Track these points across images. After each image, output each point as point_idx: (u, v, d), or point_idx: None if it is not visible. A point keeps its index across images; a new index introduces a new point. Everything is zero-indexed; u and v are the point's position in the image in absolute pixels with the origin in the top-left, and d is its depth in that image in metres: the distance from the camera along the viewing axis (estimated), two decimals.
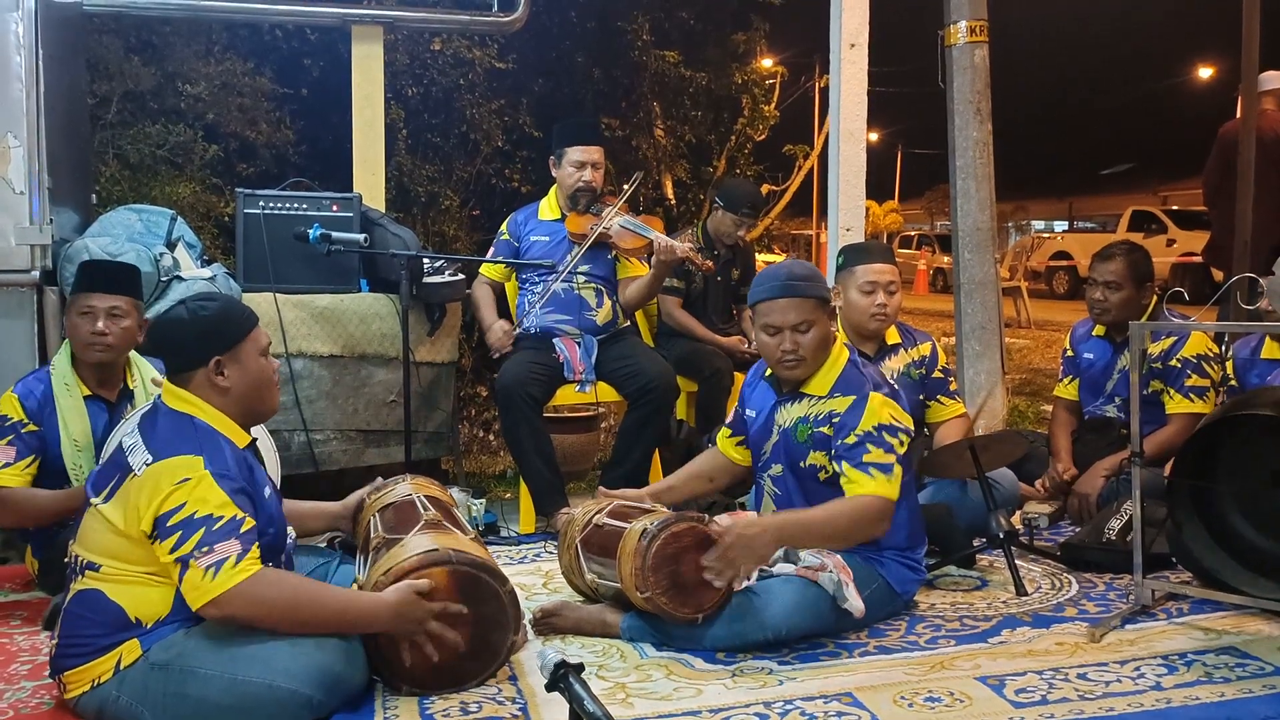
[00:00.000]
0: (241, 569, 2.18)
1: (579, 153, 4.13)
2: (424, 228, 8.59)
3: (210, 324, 2.40)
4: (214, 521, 2.20)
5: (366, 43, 4.82)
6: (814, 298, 2.84)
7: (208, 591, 2.17)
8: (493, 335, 4.06)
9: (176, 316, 2.42)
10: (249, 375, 2.43)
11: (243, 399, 2.42)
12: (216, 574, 2.17)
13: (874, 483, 2.69)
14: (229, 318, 2.44)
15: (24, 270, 3.62)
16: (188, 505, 2.20)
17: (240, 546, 2.20)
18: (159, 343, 2.46)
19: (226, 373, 2.39)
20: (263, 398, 2.48)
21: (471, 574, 2.43)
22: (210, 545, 2.18)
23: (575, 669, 1.78)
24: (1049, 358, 9.37)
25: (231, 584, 2.17)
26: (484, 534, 3.77)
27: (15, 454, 3.04)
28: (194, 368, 2.39)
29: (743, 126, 11.45)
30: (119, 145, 7.55)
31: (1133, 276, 3.75)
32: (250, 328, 2.46)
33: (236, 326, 2.44)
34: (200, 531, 2.18)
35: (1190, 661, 2.57)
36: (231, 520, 2.22)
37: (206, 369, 2.38)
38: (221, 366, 2.39)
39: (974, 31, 5.06)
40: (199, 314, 2.40)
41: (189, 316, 2.40)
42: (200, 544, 2.18)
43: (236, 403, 2.42)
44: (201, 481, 2.23)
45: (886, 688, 2.44)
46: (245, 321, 2.46)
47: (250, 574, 2.19)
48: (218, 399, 2.40)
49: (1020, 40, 16.10)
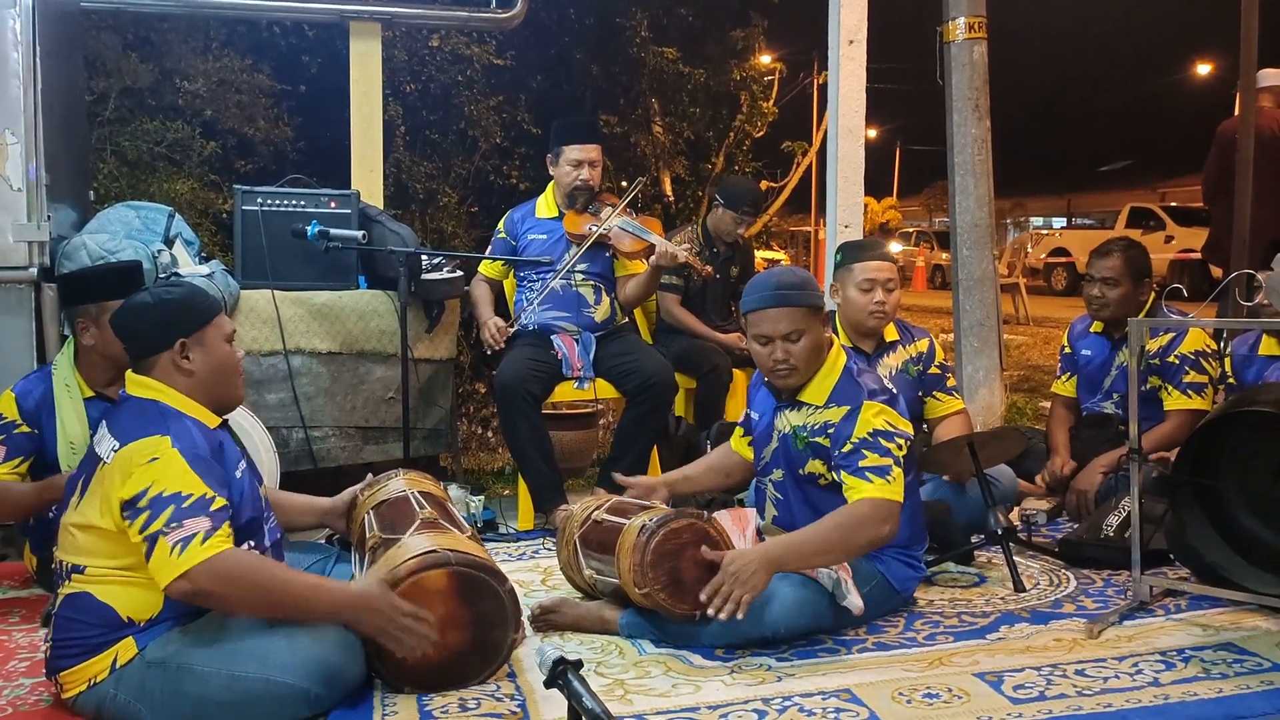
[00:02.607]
0: (210, 545, 2.15)
1: (576, 151, 4.12)
2: (422, 224, 8.60)
3: (175, 307, 2.41)
4: (183, 499, 2.18)
5: (364, 39, 4.81)
6: (805, 306, 2.82)
7: (175, 567, 2.14)
8: (485, 331, 4.07)
9: (141, 301, 2.42)
10: (213, 359, 2.43)
11: (207, 383, 2.42)
12: (184, 550, 2.14)
13: (872, 487, 2.67)
14: (193, 302, 2.45)
15: (22, 267, 3.61)
16: (156, 484, 2.19)
17: (210, 524, 2.18)
18: (124, 328, 2.44)
19: (191, 356, 2.39)
20: (228, 384, 2.48)
21: (471, 574, 2.42)
22: (180, 521, 2.16)
23: (574, 666, 1.78)
24: (1047, 354, 9.38)
25: (198, 560, 2.14)
26: (482, 531, 3.77)
27: (4, 453, 3.02)
28: (158, 351, 2.38)
29: (741, 123, 11.45)
30: (117, 142, 7.55)
31: (1130, 273, 3.75)
32: (215, 313, 2.47)
33: (202, 311, 2.45)
34: (170, 509, 2.17)
35: (1188, 658, 2.57)
36: (201, 498, 2.20)
37: (171, 351, 2.38)
38: (186, 350, 2.39)
39: (973, 28, 5.06)
40: (164, 298, 2.41)
41: (154, 301, 2.41)
42: (170, 520, 2.16)
43: (201, 387, 2.41)
44: (169, 460, 2.22)
45: (885, 684, 2.44)
46: (211, 307, 2.48)
47: (218, 550, 2.16)
48: (182, 382, 2.39)
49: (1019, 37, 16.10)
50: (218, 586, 2.17)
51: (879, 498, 2.66)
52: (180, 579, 2.15)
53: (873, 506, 2.66)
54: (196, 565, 2.14)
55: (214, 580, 2.16)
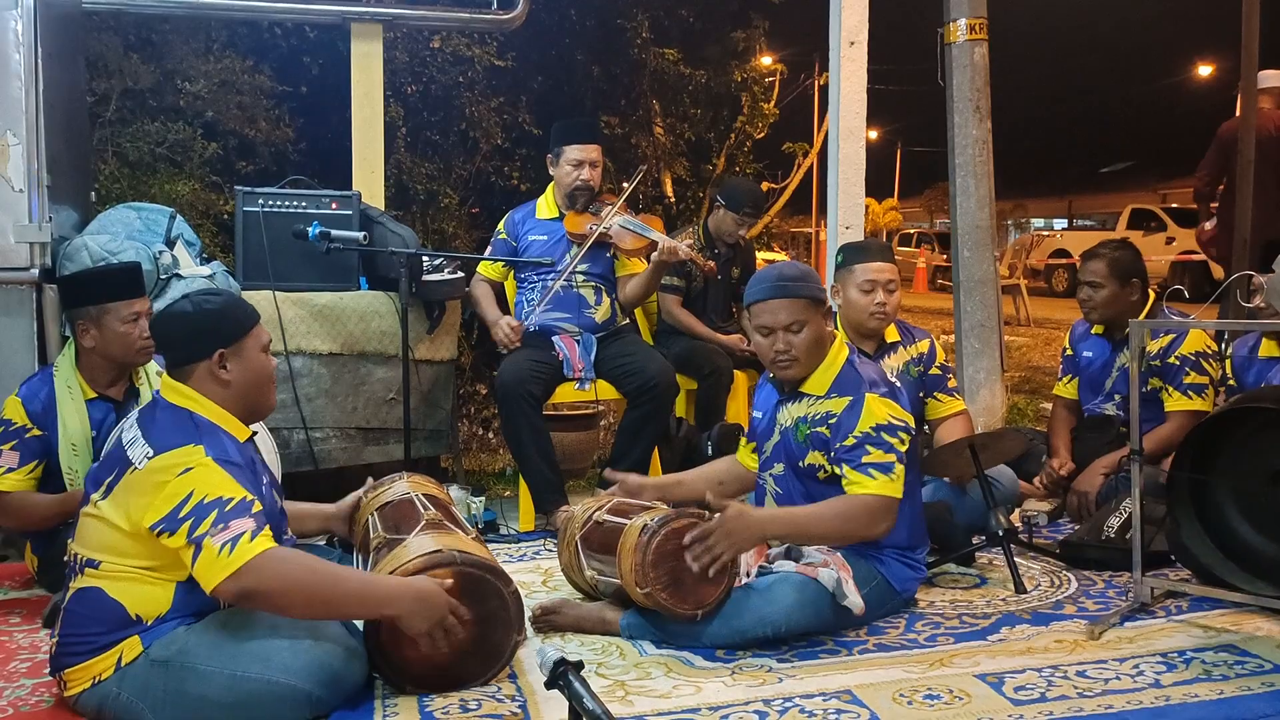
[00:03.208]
0: (258, 543, 2.16)
1: (576, 151, 4.12)
2: (423, 226, 8.60)
3: (215, 317, 2.42)
4: (225, 503, 2.19)
5: (365, 40, 4.81)
6: (806, 297, 2.85)
7: (226, 566, 2.13)
8: (499, 331, 4.04)
9: (181, 310, 2.43)
10: (250, 370, 2.44)
11: (243, 394, 2.43)
12: (233, 549, 2.14)
13: (875, 483, 2.70)
14: (233, 312, 2.46)
15: (23, 268, 3.62)
16: (196, 492, 2.19)
17: (254, 524, 2.18)
18: (163, 335, 2.46)
19: (229, 366, 2.40)
20: (263, 393, 2.50)
21: (476, 574, 2.42)
22: (225, 523, 2.16)
23: (575, 667, 1.78)
24: (1048, 355, 9.37)
25: (249, 557, 2.14)
26: (484, 532, 3.77)
27: (18, 459, 3.04)
28: (196, 360, 2.39)
29: (742, 124, 11.45)
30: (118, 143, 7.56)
31: (1115, 274, 3.76)
32: (254, 323, 2.48)
33: (240, 321, 2.46)
34: (214, 513, 2.17)
35: (1189, 659, 2.57)
36: (243, 501, 2.21)
37: (209, 362, 2.39)
38: (224, 360, 2.40)
39: (974, 29, 5.06)
40: (204, 307, 2.42)
41: (194, 310, 2.42)
42: (216, 523, 2.15)
43: (237, 397, 2.42)
44: (206, 468, 2.23)
45: (886, 685, 2.44)
46: (249, 317, 2.49)
47: (267, 548, 2.17)
48: (218, 392, 2.40)
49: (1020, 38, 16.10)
50: (270, 584, 2.16)
51: (881, 494, 2.69)
52: (230, 578, 2.14)
53: (875, 501, 2.69)
54: (247, 563, 2.14)
55: (265, 578, 2.15)
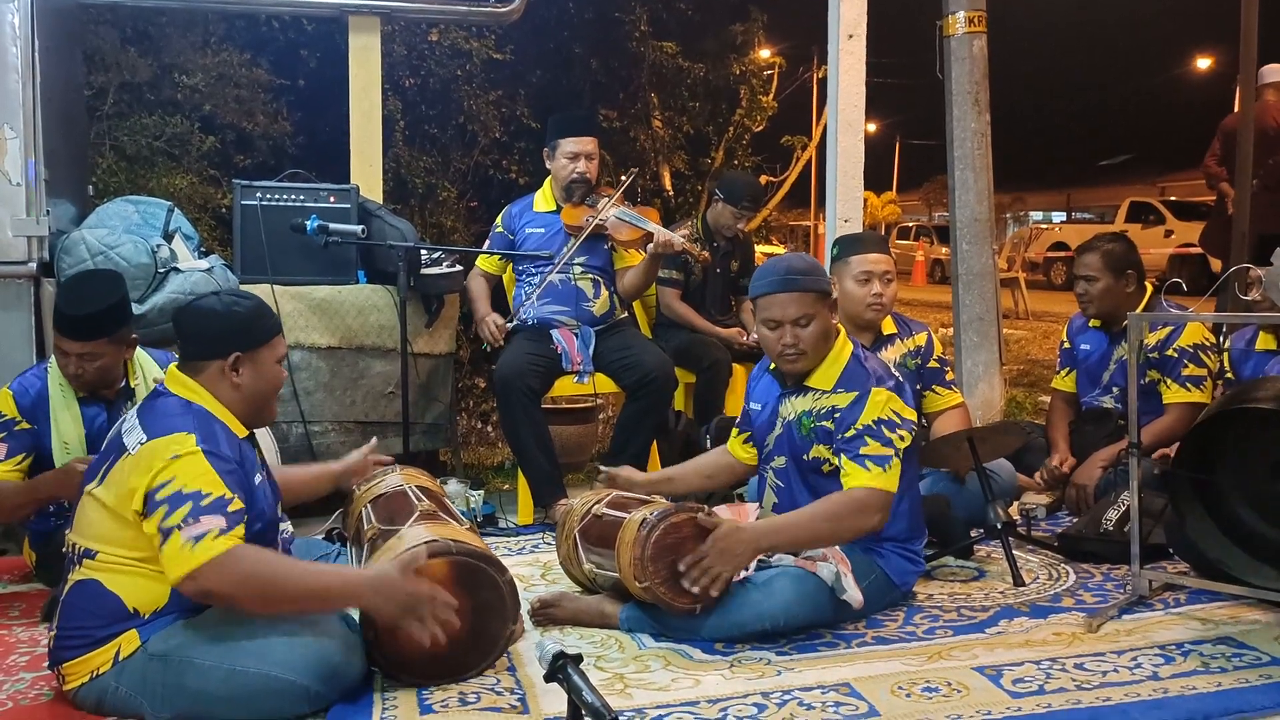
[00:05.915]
0: (220, 542, 2.15)
1: (573, 144, 4.11)
2: (421, 219, 8.60)
3: (241, 320, 2.42)
4: (201, 497, 2.18)
5: (363, 33, 4.80)
6: (814, 291, 2.84)
7: (185, 562, 2.14)
8: (485, 327, 4.05)
9: (210, 306, 2.43)
10: (262, 378, 2.44)
11: (249, 400, 2.43)
12: (196, 545, 2.14)
13: (868, 475, 2.69)
14: (260, 319, 2.46)
15: (21, 262, 3.61)
16: (177, 480, 2.19)
17: (224, 523, 2.18)
18: (185, 327, 2.45)
19: (242, 371, 2.40)
20: (268, 403, 2.50)
21: (471, 564, 2.43)
22: (196, 518, 2.16)
23: (573, 659, 1.78)
24: (1047, 348, 9.38)
25: (209, 556, 2.14)
26: (482, 525, 3.77)
27: (6, 450, 3.02)
28: (211, 358, 2.39)
29: (741, 117, 11.44)
30: (116, 136, 7.56)
31: (1108, 267, 3.77)
32: (275, 333, 2.49)
33: (265, 329, 2.46)
34: (187, 505, 2.17)
35: (1187, 651, 2.57)
36: (220, 498, 2.20)
37: (224, 362, 2.38)
38: (239, 364, 2.40)
39: (972, 22, 5.05)
40: (233, 308, 2.42)
41: (223, 309, 2.42)
42: (187, 516, 2.16)
43: (243, 402, 2.42)
44: (193, 457, 2.23)
45: (884, 678, 2.44)
46: (273, 327, 2.49)
47: (229, 548, 2.16)
48: (226, 394, 2.40)
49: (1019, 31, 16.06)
50: (227, 585, 2.17)
51: (873, 487, 2.68)
52: (188, 577, 2.15)
53: (866, 495, 2.68)
54: (206, 562, 2.14)
55: (223, 579, 2.15)
